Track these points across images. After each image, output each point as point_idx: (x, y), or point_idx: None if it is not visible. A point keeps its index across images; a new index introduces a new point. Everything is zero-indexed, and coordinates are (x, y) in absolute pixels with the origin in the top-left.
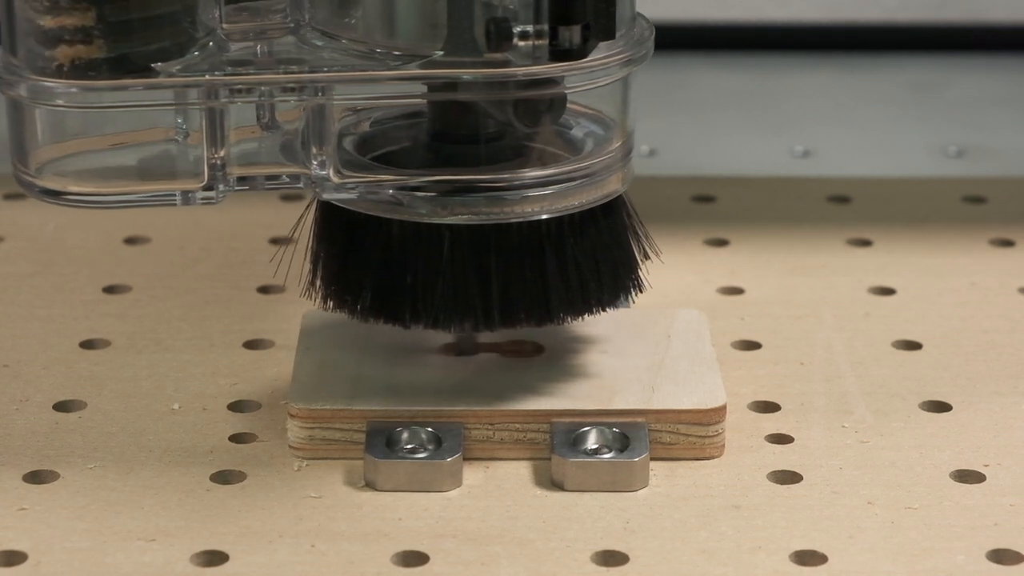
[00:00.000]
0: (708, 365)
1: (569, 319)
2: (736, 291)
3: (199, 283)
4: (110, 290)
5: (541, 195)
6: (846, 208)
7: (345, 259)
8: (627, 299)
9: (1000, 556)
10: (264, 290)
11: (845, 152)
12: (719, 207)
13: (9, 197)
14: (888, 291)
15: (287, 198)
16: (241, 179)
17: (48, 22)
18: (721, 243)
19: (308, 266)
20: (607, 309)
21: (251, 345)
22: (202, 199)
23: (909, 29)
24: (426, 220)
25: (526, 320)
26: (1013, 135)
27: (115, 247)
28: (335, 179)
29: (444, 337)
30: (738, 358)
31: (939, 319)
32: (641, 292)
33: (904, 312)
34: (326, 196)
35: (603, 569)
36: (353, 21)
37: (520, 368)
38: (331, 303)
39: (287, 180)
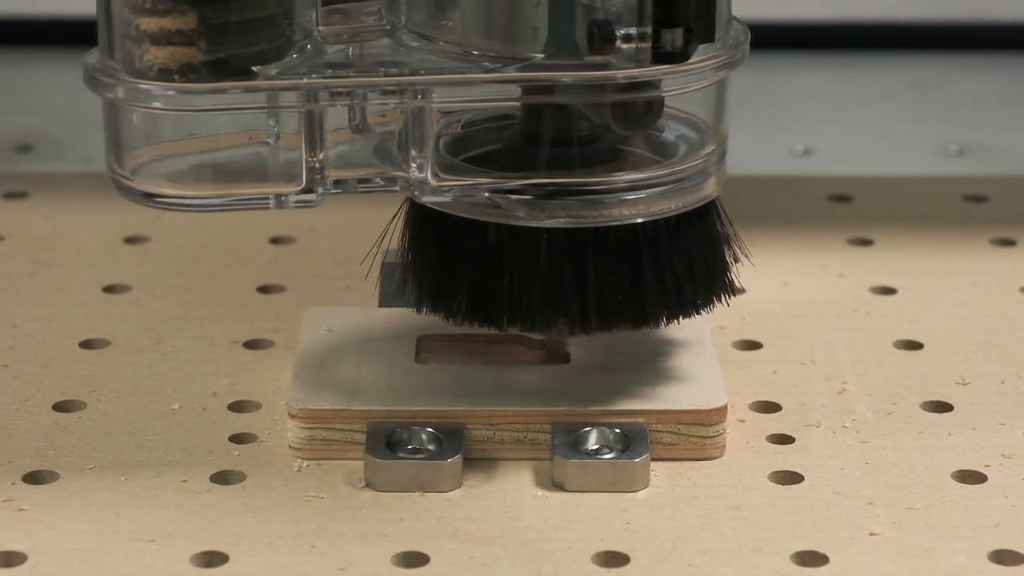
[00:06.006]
0: (709, 365)
1: (664, 322)
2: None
3: (199, 283)
4: (110, 289)
5: (638, 198)
6: (847, 207)
7: (440, 263)
8: (721, 302)
9: (1002, 557)
10: (264, 290)
11: (846, 151)
12: None
13: (9, 196)
14: (889, 290)
15: None
16: (336, 182)
17: (148, 24)
18: None
19: (400, 271)
20: (701, 312)
21: (251, 345)
22: (298, 202)
23: (910, 28)
24: (523, 223)
25: (622, 323)
26: (1014, 134)
27: (115, 247)
28: (433, 182)
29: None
30: (738, 358)
31: (940, 319)
32: (734, 295)
33: (905, 312)
34: (425, 199)
35: (604, 570)
36: (451, 23)
37: (521, 368)
38: (424, 307)
39: (380, 183)
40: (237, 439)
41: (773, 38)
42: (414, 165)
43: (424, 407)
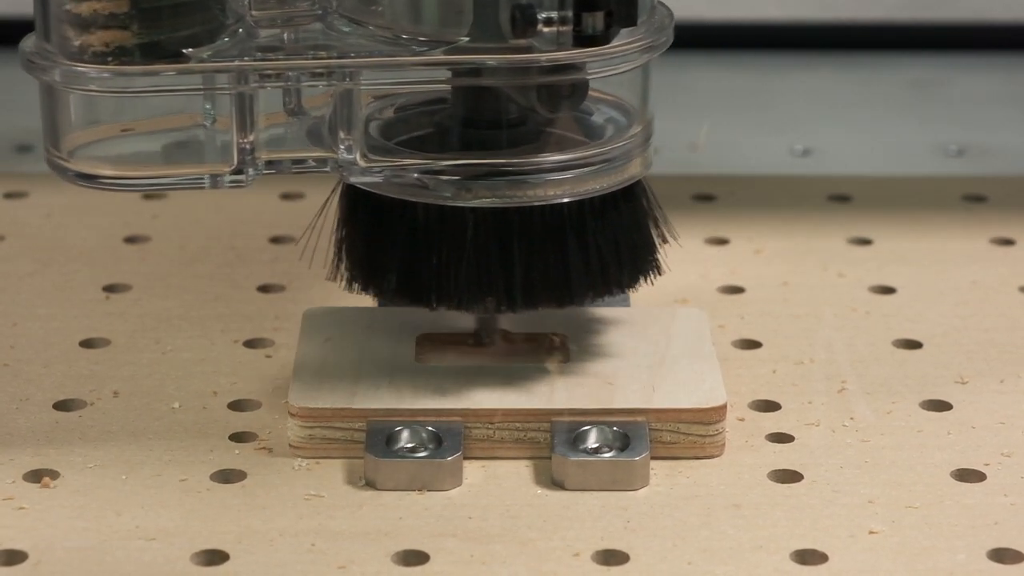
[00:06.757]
0: (708, 364)
1: (590, 301)
2: (736, 290)
3: (199, 282)
4: (110, 289)
5: (563, 179)
6: (846, 207)
7: (370, 243)
8: (646, 281)
9: (1000, 555)
10: (264, 289)
11: (845, 151)
12: (719, 206)
13: (9, 196)
14: (888, 290)
15: (287, 196)
16: (269, 163)
17: (81, 8)
18: (721, 242)
19: (332, 251)
20: (626, 291)
21: (251, 344)
22: (231, 182)
23: (909, 28)
24: (451, 203)
25: (547, 301)
26: (1013, 134)
27: (115, 246)
28: (362, 163)
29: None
30: (738, 357)
31: (939, 318)
32: (660, 275)
33: (904, 311)
34: (353, 180)
35: (604, 568)
36: (380, 8)
37: (520, 368)
38: (356, 286)
39: (313, 164)
40: (237, 438)
41: (773, 38)
42: (343, 147)
43: (424, 406)
